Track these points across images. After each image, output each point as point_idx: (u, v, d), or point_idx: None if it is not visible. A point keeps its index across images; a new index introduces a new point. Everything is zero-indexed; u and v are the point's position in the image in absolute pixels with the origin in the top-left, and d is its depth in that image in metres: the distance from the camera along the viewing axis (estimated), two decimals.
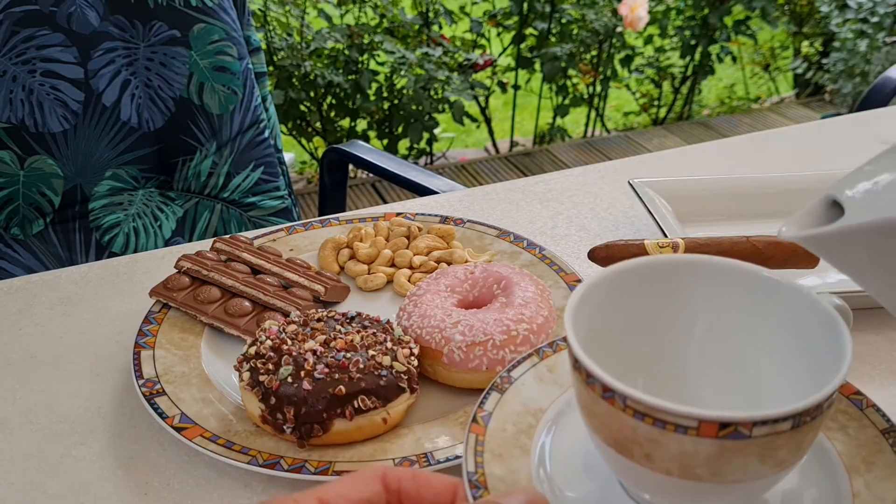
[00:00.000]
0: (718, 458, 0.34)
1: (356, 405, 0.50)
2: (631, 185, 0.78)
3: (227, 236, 0.71)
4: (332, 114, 2.67)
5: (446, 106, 2.69)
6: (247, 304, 0.64)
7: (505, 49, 3.00)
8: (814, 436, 0.36)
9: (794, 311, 0.40)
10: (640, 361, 0.43)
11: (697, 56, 3.14)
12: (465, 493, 0.38)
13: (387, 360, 0.52)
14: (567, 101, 3.01)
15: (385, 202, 2.67)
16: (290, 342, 0.53)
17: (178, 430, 0.52)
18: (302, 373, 0.51)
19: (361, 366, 0.52)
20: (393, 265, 0.71)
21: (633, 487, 0.40)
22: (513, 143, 3.13)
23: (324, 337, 0.53)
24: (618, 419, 0.35)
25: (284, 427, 0.50)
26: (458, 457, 0.49)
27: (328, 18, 2.58)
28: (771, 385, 0.42)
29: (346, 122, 2.71)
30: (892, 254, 0.35)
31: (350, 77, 2.56)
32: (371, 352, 0.53)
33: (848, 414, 0.44)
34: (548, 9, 2.82)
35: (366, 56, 2.58)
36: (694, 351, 0.44)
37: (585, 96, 3.08)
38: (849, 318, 0.53)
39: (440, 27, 2.80)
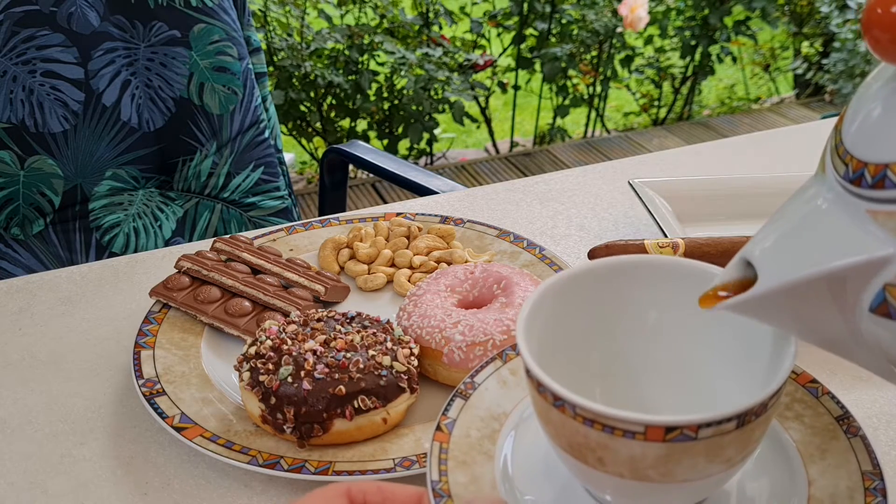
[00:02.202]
0: (667, 460, 0.34)
1: (356, 405, 0.50)
2: (631, 185, 0.78)
3: (227, 236, 0.71)
4: (332, 114, 2.66)
5: (446, 106, 2.69)
6: (247, 304, 0.64)
7: (505, 49, 3.00)
8: (762, 432, 0.37)
9: None
10: (596, 363, 0.44)
11: (697, 56, 3.14)
12: (429, 502, 0.38)
13: (387, 360, 0.52)
14: (567, 102, 3.00)
15: (385, 202, 2.67)
16: (290, 342, 0.53)
17: (178, 430, 0.52)
18: (302, 373, 0.51)
19: (361, 366, 0.52)
20: (393, 265, 0.71)
21: (592, 490, 0.41)
22: (513, 144, 3.13)
23: (324, 337, 0.53)
24: (570, 426, 0.36)
25: (284, 427, 0.50)
26: None
27: (328, 19, 2.57)
28: (722, 383, 0.42)
29: (346, 123, 2.71)
30: (808, 311, 0.34)
31: (350, 77, 2.56)
32: (371, 352, 0.53)
33: (804, 403, 0.45)
34: (548, 9, 2.82)
35: (366, 56, 2.58)
36: (647, 351, 0.44)
37: (585, 97, 3.08)
38: None
39: (440, 27, 2.80)
